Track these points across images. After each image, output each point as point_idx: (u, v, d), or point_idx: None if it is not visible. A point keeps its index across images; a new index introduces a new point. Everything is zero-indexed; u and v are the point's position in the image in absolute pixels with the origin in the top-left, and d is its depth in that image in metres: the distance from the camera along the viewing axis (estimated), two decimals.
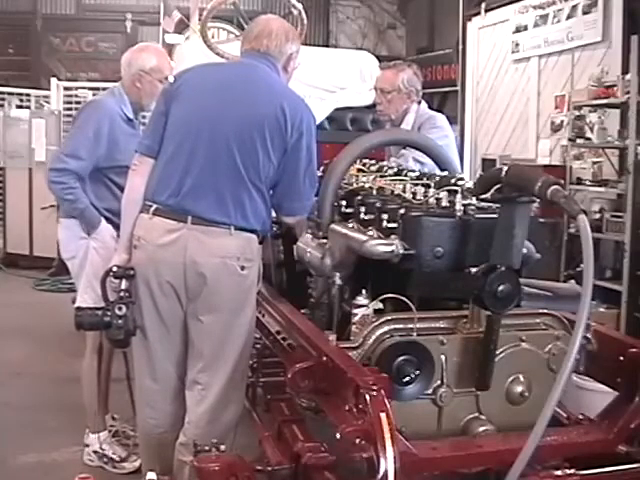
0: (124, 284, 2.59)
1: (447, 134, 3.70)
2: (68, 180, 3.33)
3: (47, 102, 9.45)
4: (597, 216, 5.66)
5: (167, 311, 2.62)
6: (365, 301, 2.30)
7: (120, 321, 2.55)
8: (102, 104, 3.53)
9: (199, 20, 5.92)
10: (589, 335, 2.27)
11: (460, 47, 8.96)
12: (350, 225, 2.61)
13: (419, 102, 3.81)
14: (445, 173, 2.79)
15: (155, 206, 2.58)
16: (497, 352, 2.17)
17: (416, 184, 2.56)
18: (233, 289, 2.57)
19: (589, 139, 5.99)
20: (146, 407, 2.78)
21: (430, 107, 3.96)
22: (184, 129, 2.59)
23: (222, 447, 2.08)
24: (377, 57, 6.05)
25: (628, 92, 5.31)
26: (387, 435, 1.71)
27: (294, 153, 2.60)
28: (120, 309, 2.56)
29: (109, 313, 2.57)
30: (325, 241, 2.61)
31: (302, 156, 2.62)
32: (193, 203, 2.53)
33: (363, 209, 2.57)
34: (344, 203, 2.74)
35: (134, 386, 2.95)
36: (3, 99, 9.51)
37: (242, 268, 2.56)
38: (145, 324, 2.64)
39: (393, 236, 2.29)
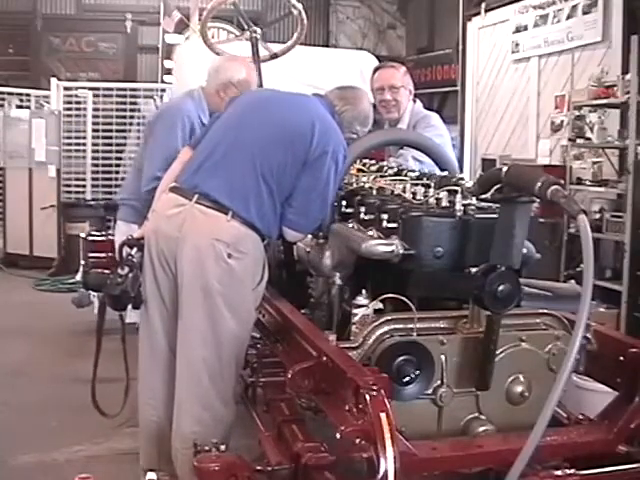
0: (134, 251, 2.75)
1: (442, 133, 3.71)
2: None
3: (47, 102, 9.45)
4: (597, 216, 5.64)
5: (163, 282, 2.70)
6: (365, 301, 2.30)
7: (119, 279, 2.68)
8: (182, 110, 3.39)
9: (199, 20, 5.92)
10: (589, 335, 2.27)
11: (460, 47, 8.94)
12: (350, 225, 2.61)
13: (414, 101, 3.83)
14: (445, 173, 2.79)
15: (174, 184, 2.75)
16: (497, 352, 2.17)
17: (416, 184, 2.56)
18: (213, 274, 2.55)
19: (589, 139, 5.98)
20: (145, 388, 2.84)
21: (430, 107, 3.99)
22: (219, 129, 2.81)
23: (222, 447, 2.08)
24: (377, 57, 6.05)
25: (628, 92, 5.30)
26: (387, 435, 1.71)
27: (313, 168, 2.63)
28: (123, 269, 2.71)
29: (112, 276, 2.70)
30: (325, 241, 2.61)
31: (321, 173, 2.64)
32: (203, 180, 2.66)
33: (363, 209, 2.58)
34: (344, 203, 2.75)
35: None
36: (3, 99, 9.51)
37: (229, 256, 2.56)
38: (147, 296, 2.73)
39: (393, 236, 2.29)
